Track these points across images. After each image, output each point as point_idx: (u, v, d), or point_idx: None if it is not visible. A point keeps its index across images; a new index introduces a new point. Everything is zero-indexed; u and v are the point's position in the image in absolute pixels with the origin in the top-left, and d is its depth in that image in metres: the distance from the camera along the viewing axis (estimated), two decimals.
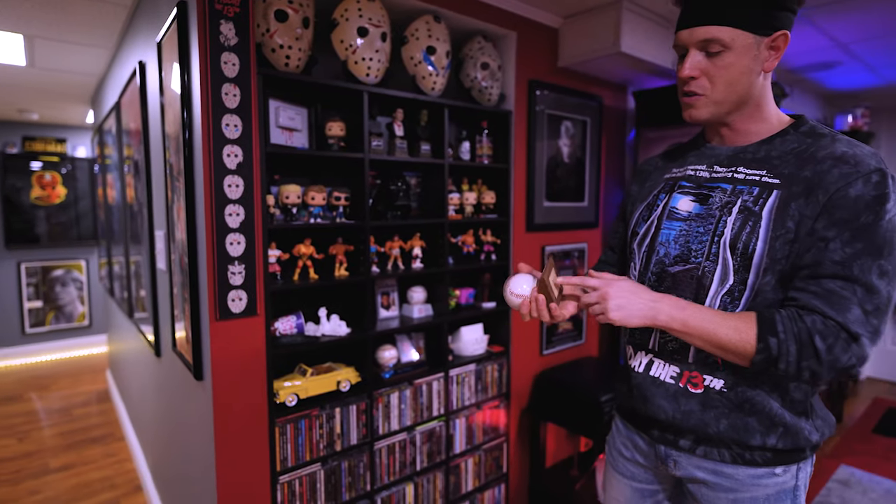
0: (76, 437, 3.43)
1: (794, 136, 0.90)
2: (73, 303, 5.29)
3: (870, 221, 0.79)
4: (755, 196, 0.87)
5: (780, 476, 0.92)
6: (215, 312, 1.42)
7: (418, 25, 1.83)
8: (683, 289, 0.93)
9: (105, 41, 2.54)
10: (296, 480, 1.65)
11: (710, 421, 0.91)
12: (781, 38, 0.86)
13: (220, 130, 1.38)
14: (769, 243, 0.84)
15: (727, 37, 0.84)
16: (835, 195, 0.80)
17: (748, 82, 0.87)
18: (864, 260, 0.79)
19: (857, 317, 0.78)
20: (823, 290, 0.80)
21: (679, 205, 0.96)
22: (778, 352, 0.80)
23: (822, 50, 2.61)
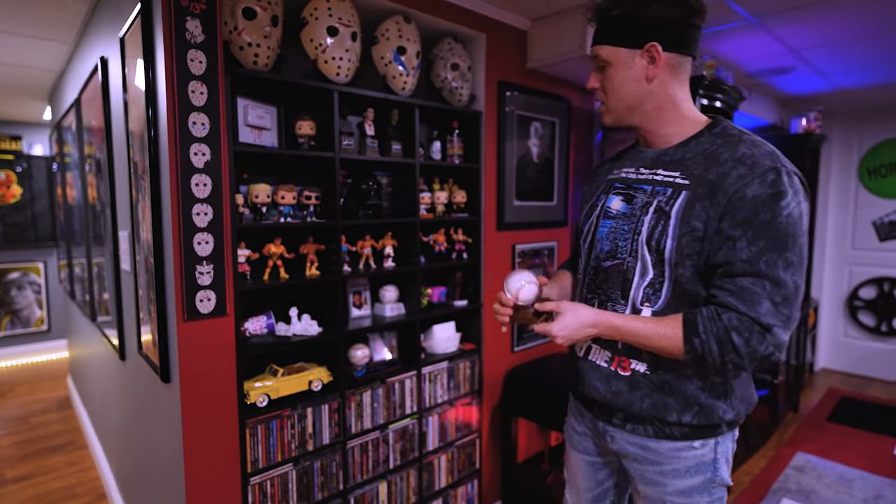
0: (34, 447, 3.31)
1: (707, 137, 0.97)
2: (31, 307, 5.09)
3: (768, 219, 0.86)
4: (668, 197, 0.96)
5: (699, 449, 1.01)
6: (183, 313, 1.40)
7: (388, 26, 1.84)
8: (613, 282, 1.03)
9: (64, 36, 2.46)
10: (267, 481, 1.64)
11: (635, 400, 1.02)
12: (653, 47, 0.93)
13: (186, 128, 1.36)
14: (677, 241, 0.92)
15: (606, 54, 0.97)
16: (734, 196, 0.87)
17: (633, 90, 0.97)
18: (769, 256, 0.86)
19: (768, 309, 0.86)
20: (737, 287, 0.88)
21: (612, 204, 1.06)
22: (702, 350, 0.89)
23: (777, 56, 2.73)
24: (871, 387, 4.28)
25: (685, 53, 0.96)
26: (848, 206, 4.45)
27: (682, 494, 1.03)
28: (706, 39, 2.45)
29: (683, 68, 0.98)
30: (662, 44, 0.93)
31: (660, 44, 0.93)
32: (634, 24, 0.93)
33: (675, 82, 0.97)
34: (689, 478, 1.02)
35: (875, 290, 4.36)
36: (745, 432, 2.96)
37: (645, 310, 0.99)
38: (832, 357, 4.66)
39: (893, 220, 4.23)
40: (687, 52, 0.96)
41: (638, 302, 0.99)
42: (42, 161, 4.92)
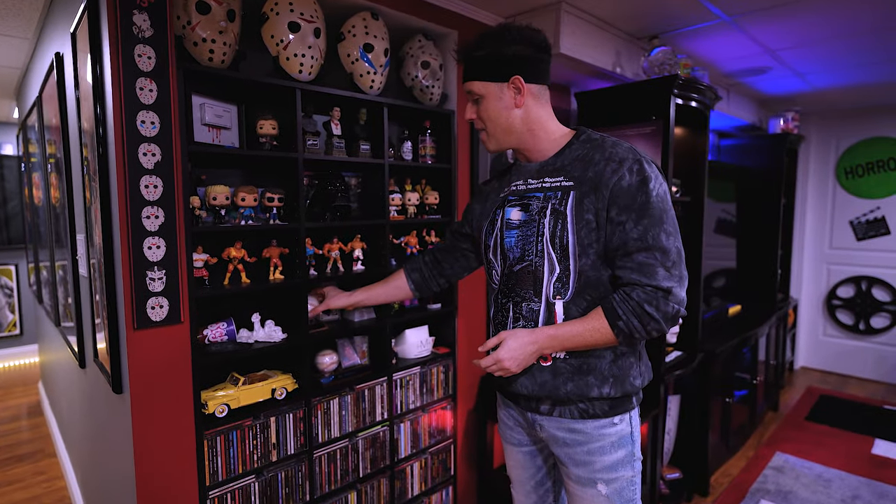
0: (1, 455, 3.21)
1: (577, 145, 1.13)
2: (3, 310, 4.95)
3: (644, 201, 1.03)
4: (559, 198, 1.10)
5: (619, 425, 1.15)
6: (133, 321, 1.34)
7: (355, 22, 1.79)
8: (525, 282, 1.15)
9: (23, 31, 2.37)
10: (227, 494, 1.58)
11: (559, 385, 1.13)
12: (517, 80, 1.09)
13: (134, 127, 1.30)
14: (576, 234, 1.07)
15: (478, 88, 1.13)
16: (613, 188, 1.04)
17: (506, 117, 1.13)
18: (653, 230, 1.02)
19: (664, 275, 1.03)
20: (635, 263, 1.04)
21: (511, 216, 1.18)
22: (629, 329, 1.04)
23: (753, 56, 2.72)
24: (848, 384, 4.32)
25: (542, 83, 1.14)
26: (825, 205, 4.49)
27: (610, 470, 1.14)
28: (681, 38, 2.43)
29: (543, 94, 1.15)
30: (524, 76, 1.10)
31: (522, 76, 1.09)
32: (498, 61, 1.09)
33: (538, 106, 1.14)
34: (613, 453, 1.14)
35: (853, 288, 4.39)
36: (724, 432, 2.95)
37: (557, 302, 1.11)
38: (811, 355, 4.69)
39: (870, 220, 4.27)
40: (544, 81, 1.14)
41: (550, 296, 1.12)
42: (14, 161, 4.79)
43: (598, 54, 2.26)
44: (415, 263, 1.52)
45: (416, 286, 1.50)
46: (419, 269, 1.50)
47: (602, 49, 2.28)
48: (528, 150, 1.17)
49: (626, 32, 2.40)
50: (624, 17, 2.22)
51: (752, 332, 3.19)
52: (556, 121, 1.18)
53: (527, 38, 1.09)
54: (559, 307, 1.11)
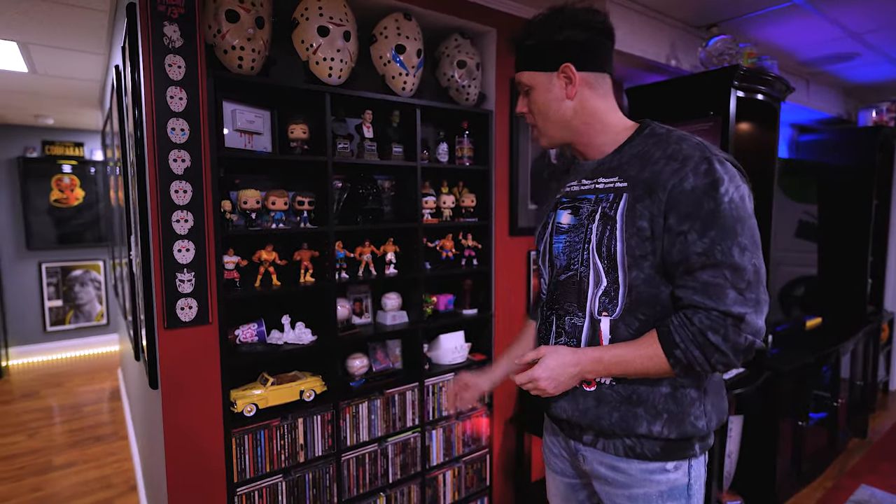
0: (83, 435, 3.51)
1: (638, 140, 0.99)
2: (92, 302, 5.44)
3: (712, 208, 0.86)
4: (611, 202, 0.96)
5: (672, 473, 0.96)
6: (164, 321, 1.40)
7: (387, 24, 1.77)
8: (569, 294, 1.02)
9: (96, 46, 2.57)
10: (255, 492, 1.61)
11: (604, 415, 0.98)
12: (568, 68, 0.98)
13: (165, 134, 1.35)
14: (625, 243, 0.92)
15: (527, 79, 1.03)
16: (672, 191, 0.88)
17: (557, 109, 1.01)
18: (722, 244, 0.85)
19: (735, 299, 0.85)
20: (699, 283, 0.87)
21: (561, 219, 1.06)
22: (687, 360, 0.88)
23: (835, 41, 2.43)
24: None
25: (601, 70, 1.01)
26: None
27: None
28: (746, 25, 2.21)
29: (602, 84, 1.02)
30: (575, 64, 0.98)
31: (573, 64, 0.98)
32: (548, 49, 0.99)
33: (595, 97, 1.02)
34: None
35: None
36: (796, 459, 2.67)
37: (603, 319, 0.97)
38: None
39: None
40: (600, 69, 1.01)
41: (595, 312, 0.98)
42: (101, 165, 5.24)
43: (650, 46, 2.10)
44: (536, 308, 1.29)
45: None
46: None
47: (654, 41, 2.12)
48: (584, 146, 1.05)
49: (682, 22, 2.22)
50: (679, 5, 2.05)
51: (833, 347, 2.87)
52: (620, 113, 1.04)
53: (581, 21, 0.97)
54: (605, 325, 0.97)
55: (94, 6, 2.07)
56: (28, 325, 5.08)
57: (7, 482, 2.87)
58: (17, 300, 5.00)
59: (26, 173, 4.88)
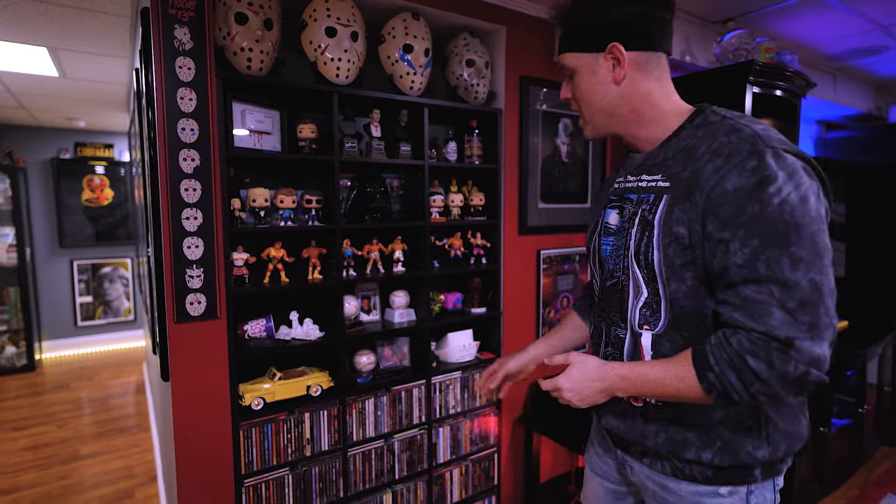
0: (108, 427, 3.63)
1: (688, 130, 0.87)
2: (120, 298, 5.62)
3: (758, 211, 0.73)
4: (651, 204, 0.86)
5: (726, 498, 0.86)
6: (174, 315, 1.44)
7: (395, 24, 1.79)
8: (613, 303, 0.94)
9: (120, 51, 2.66)
10: (262, 484, 1.64)
11: (649, 434, 0.91)
12: (615, 48, 0.87)
13: (175, 134, 1.39)
14: (662, 251, 0.83)
15: (569, 61, 0.93)
16: (711, 193, 0.77)
17: (603, 95, 0.91)
18: (769, 254, 0.73)
19: (781, 320, 0.72)
20: (740, 299, 0.75)
21: (609, 219, 0.97)
22: (722, 385, 0.76)
23: (861, 34, 2.35)
24: None
25: (655, 49, 0.89)
26: None
27: None
28: (765, 19, 2.16)
29: (655, 64, 0.90)
30: (624, 43, 0.87)
31: (621, 43, 0.87)
32: (593, 27, 0.89)
33: (648, 80, 0.90)
34: None
35: None
36: (817, 466, 2.59)
37: (644, 333, 0.89)
38: None
39: None
40: (654, 48, 0.89)
41: (636, 325, 0.90)
42: (128, 166, 5.41)
43: None
44: (582, 302, 1.25)
45: None
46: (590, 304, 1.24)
47: None
48: (632, 136, 0.94)
49: (697, 17, 2.17)
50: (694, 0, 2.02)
51: (858, 351, 2.77)
52: (677, 98, 0.92)
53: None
54: (646, 340, 0.88)
55: (117, 12, 2.14)
56: (60, 320, 5.28)
57: (36, 470, 2.99)
58: (51, 296, 5.20)
59: (59, 174, 5.07)
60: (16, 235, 4.57)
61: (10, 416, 3.78)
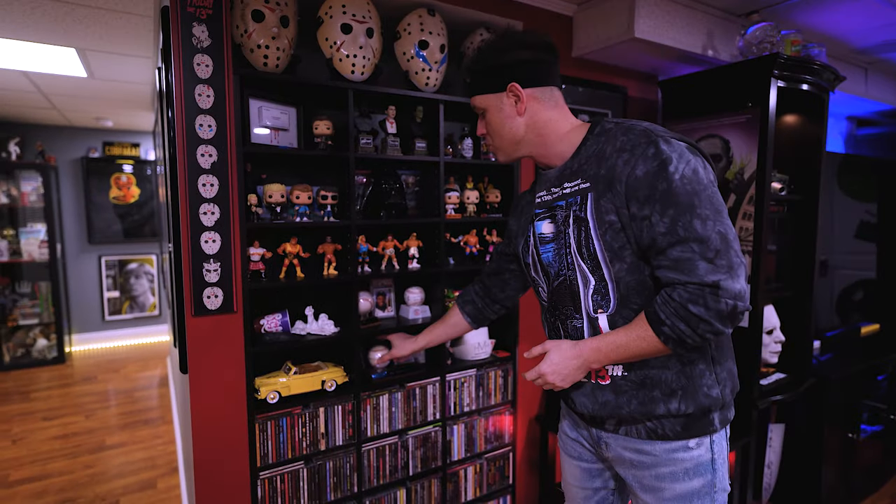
0: (133, 418, 3.73)
1: (592, 140, 1.03)
2: (146, 294, 5.76)
3: (666, 187, 0.90)
4: (579, 203, 1.01)
5: (695, 450, 1.01)
6: (192, 308, 1.46)
7: (410, 20, 1.79)
8: (564, 298, 1.07)
9: (145, 51, 2.72)
10: (277, 477, 1.66)
11: (623, 404, 1.03)
12: (514, 87, 1.04)
13: (193, 130, 1.41)
14: (601, 239, 0.97)
15: (479, 102, 1.10)
16: (628, 181, 0.93)
17: (510, 127, 1.08)
18: (682, 219, 0.89)
19: (706, 268, 0.88)
20: (670, 260, 0.91)
21: (543, 230, 1.10)
22: (675, 334, 0.91)
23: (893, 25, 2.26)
24: None
25: (545, 84, 1.06)
26: None
27: (682, 499, 1.01)
28: (792, 11, 2.09)
29: (549, 96, 1.07)
30: (521, 82, 1.04)
31: (518, 83, 1.04)
32: (494, 72, 1.06)
33: (545, 109, 1.07)
34: (687, 481, 1.01)
35: None
36: (845, 473, 2.50)
37: (600, 316, 1.02)
38: None
39: None
40: (546, 83, 1.06)
41: (591, 311, 1.03)
42: (154, 164, 5.54)
43: (684, 36, 2.02)
44: (466, 296, 1.45)
45: (472, 319, 1.44)
46: (472, 300, 1.44)
47: (689, 30, 2.04)
48: (543, 156, 1.11)
49: (719, 9, 2.12)
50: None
51: (890, 356, 2.67)
52: (573, 118, 1.10)
53: (523, 41, 1.05)
54: (603, 321, 1.02)
55: (140, 12, 2.19)
56: (89, 314, 5.43)
57: (64, 458, 3.09)
58: (80, 291, 5.36)
59: (88, 172, 5.22)
60: (47, 232, 4.72)
61: (41, 406, 3.90)
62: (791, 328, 2.25)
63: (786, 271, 2.30)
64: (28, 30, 2.38)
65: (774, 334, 2.17)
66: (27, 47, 2.64)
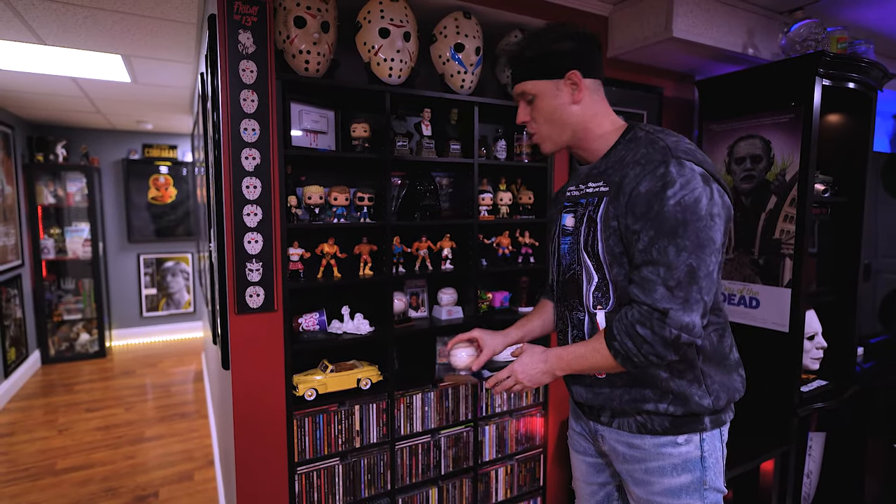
0: (170, 411, 3.85)
1: (622, 144, 1.05)
2: (181, 291, 5.93)
3: (658, 210, 0.91)
4: (594, 205, 1.04)
5: (683, 446, 1.04)
6: (234, 307, 1.51)
7: (447, 23, 1.80)
8: (571, 291, 1.11)
9: (186, 56, 2.81)
10: (314, 472, 1.70)
11: (615, 396, 1.08)
12: (574, 74, 1.04)
13: (238, 134, 1.46)
14: (604, 242, 1.01)
15: (531, 88, 1.08)
16: (632, 194, 0.95)
17: (564, 114, 1.07)
18: (660, 243, 0.91)
19: (663, 294, 0.91)
20: (639, 277, 0.95)
21: (566, 222, 1.13)
22: (624, 351, 0.95)
23: None
24: None
25: (597, 77, 1.09)
26: None
27: (671, 495, 1.04)
28: (837, 7, 2.03)
29: (598, 89, 1.09)
30: (581, 71, 1.05)
31: (579, 71, 1.05)
32: (552, 57, 1.05)
33: (595, 102, 1.08)
34: (675, 476, 1.04)
35: None
36: (889, 484, 2.41)
37: (598, 312, 1.06)
38: None
39: None
40: (597, 76, 1.09)
41: (591, 306, 1.07)
42: (190, 166, 5.70)
43: (724, 35, 1.99)
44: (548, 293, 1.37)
45: None
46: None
47: (729, 28, 2.00)
48: (582, 149, 1.12)
49: (761, 7, 2.07)
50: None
51: None
52: (615, 117, 1.11)
53: (578, 33, 1.06)
54: (601, 317, 1.06)
55: (184, 20, 2.27)
56: (128, 310, 5.63)
57: (107, 449, 3.21)
58: (120, 288, 5.55)
59: (129, 173, 5.41)
60: (91, 230, 4.92)
61: (84, 398, 4.07)
62: (833, 334, 2.18)
63: (827, 275, 2.23)
64: (80, 38, 2.48)
65: (816, 340, 2.11)
66: (77, 55, 2.76)
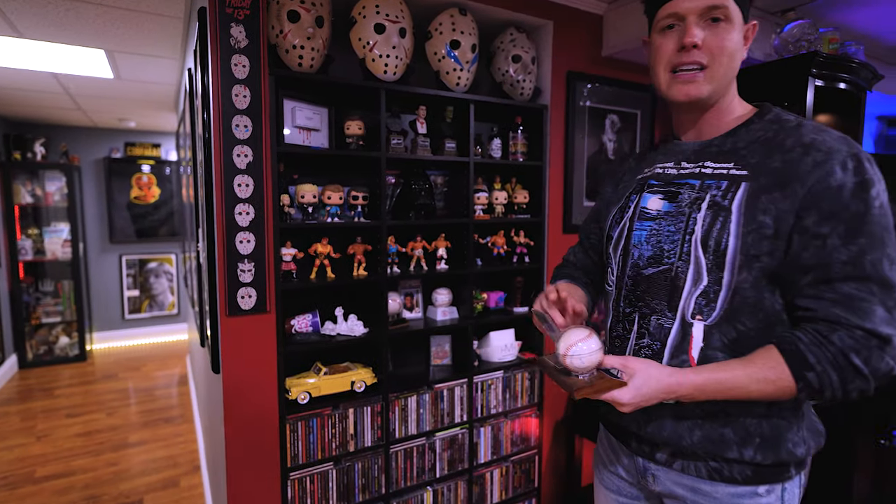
0: (154, 416, 3.76)
1: (759, 124, 0.87)
2: (165, 293, 5.81)
3: (861, 211, 0.75)
4: (724, 190, 0.84)
5: (764, 497, 0.85)
6: (226, 308, 1.46)
7: (442, 19, 1.78)
8: (657, 291, 0.89)
9: (172, 52, 2.74)
10: (307, 478, 1.66)
11: (683, 433, 0.87)
12: (752, 28, 0.88)
13: (230, 131, 1.41)
14: (741, 238, 0.80)
15: (731, 5, 0.84)
16: (814, 186, 0.76)
17: (738, 62, 0.87)
18: (873, 254, 0.74)
19: (883, 317, 0.74)
20: (840, 295, 0.75)
21: (649, 204, 0.93)
22: (820, 384, 0.75)
23: None
24: None
25: None
26: None
27: None
28: (828, 8, 2.05)
29: None
30: None
31: None
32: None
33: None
34: None
35: None
36: (878, 482, 2.44)
37: (696, 323, 0.85)
38: None
39: None
40: None
41: (689, 314, 0.85)
42: (175, 165, 5.59)
43: None
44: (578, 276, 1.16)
45: None
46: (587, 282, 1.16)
47: None
48: (710, 116, 0.91)
49: (753, 7, 2.08)
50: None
51: None
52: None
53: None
54: (698, 330, 0.84)
55: (170, 14, 2.21)
56: (109, 312, 5.49)
57: (88, 455, 3.12)
58: (101, 289, 5.42)
59: (110, 172, 5.28)
60: (70, 231, 4.79)
61: (64, 402, 3.95)
62: None
63: None
64: (61, 31, 2.41)
65: None
66: (58, 49, 2.68)
